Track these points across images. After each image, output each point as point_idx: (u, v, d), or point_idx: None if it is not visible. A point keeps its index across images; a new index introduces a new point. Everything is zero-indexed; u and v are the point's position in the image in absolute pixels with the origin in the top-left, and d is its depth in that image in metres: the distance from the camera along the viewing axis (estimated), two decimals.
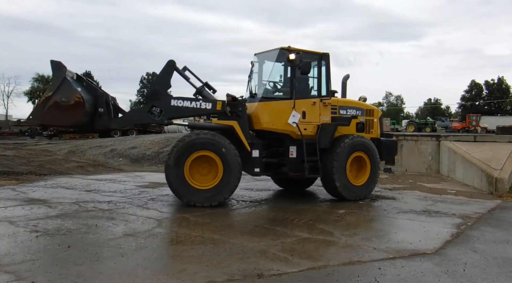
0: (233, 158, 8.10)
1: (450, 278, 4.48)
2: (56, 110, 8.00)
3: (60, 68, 8.18)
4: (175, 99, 8.52)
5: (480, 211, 8.20)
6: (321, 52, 9.38)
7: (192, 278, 4.36)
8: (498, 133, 21.71)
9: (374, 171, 9.43)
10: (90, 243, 5.53)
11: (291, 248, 5.50)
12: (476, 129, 46.74)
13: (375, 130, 10.15)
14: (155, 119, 8.45)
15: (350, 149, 9.05)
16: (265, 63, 9.56)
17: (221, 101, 8.64)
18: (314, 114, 9.04)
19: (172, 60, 8.74)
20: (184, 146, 7.94)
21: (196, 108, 8.58)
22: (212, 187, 8.04)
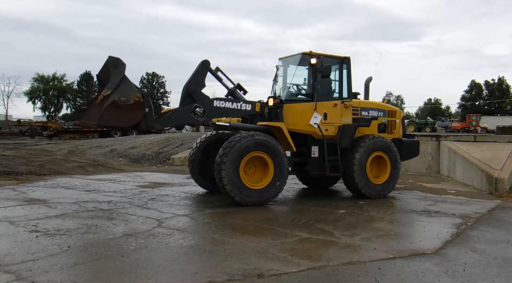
0: (284, 159, 8.40)
1: (450, 278, 4.48)
2: (115, 110, 7.57)
3: (119, 65, 7.74)
4: (217, 100, 8.65)
5: (480, 211, 8.20)
6: (342, 56, 9.71)
7: (192, 278, 4.36)
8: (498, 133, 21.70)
9: (394, 170, 9.74)
10: (90, 243, 5.53)
11: (291, 248, 5.50)
12: (476, 129, 46.76)
13: (397, 130, 10.45)
14: (198, 119, 8.46)
15: (370, 149, 9.37)
16: (288, 67, 9.91)
17: (260, 103, 8.97)
18: (335, 115, 9.40)
19: (206, 60, 8.80)
20: (241, 147, 8.02)
21: (237, 109, 8.80)
22: (263, 187, 8.26)
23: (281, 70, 10.10)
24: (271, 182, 8.31)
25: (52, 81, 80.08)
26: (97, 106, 7.38)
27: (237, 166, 8.00)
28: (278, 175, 8.35)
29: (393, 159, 9.73)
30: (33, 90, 77.78)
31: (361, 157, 9.23)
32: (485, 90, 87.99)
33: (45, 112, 79.52)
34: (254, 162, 8.34)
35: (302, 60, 9.36)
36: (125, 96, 7.59)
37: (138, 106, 7.54)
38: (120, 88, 7.55)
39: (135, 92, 7.64)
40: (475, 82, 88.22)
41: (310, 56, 9.12)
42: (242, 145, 8.02)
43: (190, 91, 8.51)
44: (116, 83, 7.52)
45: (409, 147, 10.55)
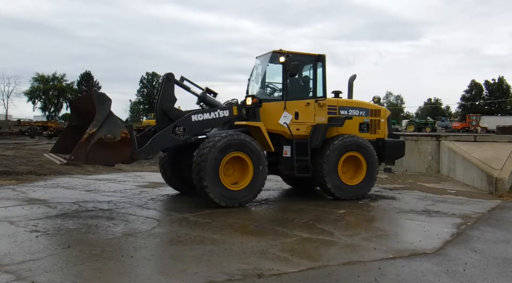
0: (263, 160, 8.26)
1: (450, 278, 4.48)
2: (101, 148, 7.08)
3: (105, 101, 7.27)
4: (195, 114, 8.37)
5: (480, 211, 8.20)
6: (317, 54, 9.44)
7: (192, 278, 4.36)
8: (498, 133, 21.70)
9: (370, 170, 9.42)
10: (90, 243, 5.53)
11: (291, 248, 5.50)
12: (476, 129, 46.73)
13: (381, 130, 10.14)
14: (180, 139, 8.16)
15: (342, 149, 9.09)
16: (261, 66, 9.68)
17: (236, 106, 8.80)
18: (308, 114, 9.17)
19: (170, 74, 8.51)
20: (222, 146, 7.83)
21: (215, 118, 8.58)
22: (243, 188, 8.11)
23: (256, 68, 9.89)
24: (250, 183, 8.14)
25: (52, 81, 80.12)
26: (83, 145, 6.92)
27: (218, 166, 7.82)
28: (257, 175, 8.20)
29: (369, 160, 9.39)
30: (33, 90, 77.80)
31: (331, 157, 8.95)
32: (485, 90, 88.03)
33: (45, 112, 79.57)
34: (232, 163, 8.15)
35: (272, 59, 9.14)
36: (111, 133, 7.19)
37: (125, 143, 7.30)
38: (106, 124, 7.15)
39: (121, 128, 7.30)
40: (475, 82, 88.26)
41: (280, 54, 8.85)
42: (222, 144, 7.85)
43: (164, 110, 8.32)
44: (102, 120, 7.10)
45: (393, 148, 10.18)
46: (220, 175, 7.86)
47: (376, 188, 11.21)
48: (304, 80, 9.81)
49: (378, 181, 12.56)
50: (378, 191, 10.70)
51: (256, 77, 9.82)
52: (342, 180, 9.12)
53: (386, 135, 10.26)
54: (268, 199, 9.20)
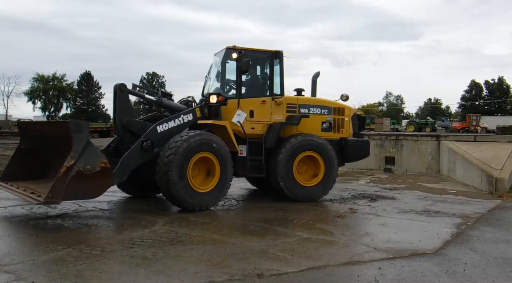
0: (230, 160, 7.99)
1: (450, 278, 4.48)
2: (80, 181, 6.46)
3: (83, 129, 6.65)
4: (160, 124, 7.87)
5: (480, 211, 8.20)
6: (274, 50, 9.14)
7: (192, 278, 4.36)
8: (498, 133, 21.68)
9: (328, 170, 9.04)
10: (90, 243, 5.52)
11: (291, 248, 5.50)
12: (476, 129, 46.76)
13: (345, 129, 9.80)
14: (151, 154, 7.62)
15: (297, 149, 8.77)
16: (218, 62, 9.30)
17: (199, 107, 8.43)
18: (264, 113, 8.84)
19: (122, 84, 7.94)
20: (190, 146, 7.52)
21: (181, 125, 8.09)
22: (210, 191, 7.79)
23: (214, 66, 9.55)
24: (217, 184, 7.83)
25: (52, 81, 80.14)
26: (61, 180, 6.25)
27: (186, 167, 7.46)
28: (224, 177, 7.90)
29: (327, 160, 9.02)
30: (33, 90, 77.81)
31: (286, 157, 8.63)
32: (485, 90, 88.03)
33: (45, 112, 79.57)
34: (197, 164, 7.78)
35: (226, 55, 8.86)
36: (90, 163, 6.55)
37: (105, 173, 6.70)
38: (85, 155, 6.51)
39: (100, 158, 6.73)
40: (475, 82, 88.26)
41: (232, 50, 8.58)
42: (191, 144, 7.49)
43: (125, 125, 7.82)
44: (80, 150, 6.44)
45: (356, 147, 9.81)
46: (188, 176, 7.52)
47: (376, 188, 11.22)
48: (261, 77, 9.48)
49: (378, 181, 12.60)
50: (378, 191, 10.70)
51: (213, 74, 9.43)
52: (298, 181, 8.80)
53: (351, 134, 9.90)
54: (268, 199, 9.19)
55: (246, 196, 9.63)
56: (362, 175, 14.18)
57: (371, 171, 15.50)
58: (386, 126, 49.48)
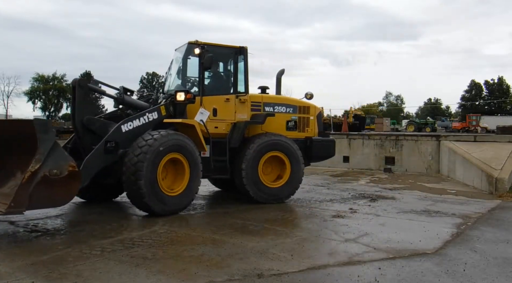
0: (198, 159, 7.62)
1: (450, 278, 4.48)
2: (47, 187, 5.76)
3: (49, 130, 5.97)
4: (124, 123, 7.32)
5: (480, 211, 8.20)
6: (238, 46, 8.80)
7: (192, 278, 4.36)
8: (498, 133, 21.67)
9: (294, 171, 8.84)
10: (90, 243, 5.53)
11: (291, 248, 5.50)
12: (476, 129, 46.73)
13: (311, 128, 9.63)
14: (116, 156, 7.12)
15: (262, 149, 8.52)
16: (180, 58, 8.89)
17: (164, 105, 7.95)
18: (228, 111, 8.51)
19: (81, 79, 7.44)
20: (162, 146, 7.09)
21: (146, 123, 7.58)
22: (180, 194, 7.38)
23: (175, 61, 9.10)
24: (187, 187, 7.43)
25: (52, 81, 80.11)
26: (25, 187, 5.54)
27: (156, 168, 7.00)
28: (194, 179, 7.52)
29: (293, 160, 8.82)
30: (33, 90, 77.75)
31: (251, 157, 8.35)
32: (485, 90, 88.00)
33: (45, 112, 79.49)
34: (166, 165, 7.32)
35: (188, 51, 8.47)
36: (57, 167, 5.88)
37: (74, 178, 6.04)
38: (51, 158, 5.83)
39: (68, 161, 6.05)
40: (475, 82, 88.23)
41: (195, 45, 8.18)
42: (162, 144, 7.09)
43: (85, 124, 7.24)
44: (45, 153, 5.76)
45: (322, 147, 9.65)
46: (159, 179, 7.06)
47: (376, 188, 11.22)
48: (224, 74, 9.12)
49: (378, 181, 12.60)
50: (378, 191, 10.70)
51: (174, 71, 9.03)
52: (263, 182, 8.55)
53: (316, 133, 9.76)
54: None
55: (246, 196, 9.61)
56: (362, 175, 14.19)
57: (371, 171, 15.51)
58: (386, 126, 49.43)
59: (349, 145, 16.76)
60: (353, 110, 48.00)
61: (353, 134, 18.50)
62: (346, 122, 27.76)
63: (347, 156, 16.71)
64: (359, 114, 45.53)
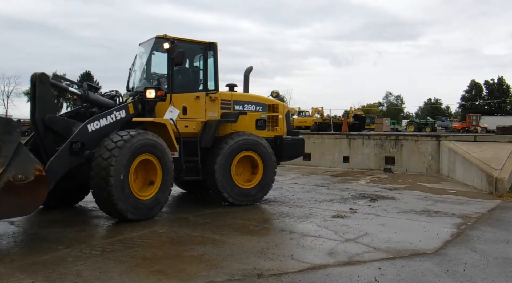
0: (170, 161, 7.24)
1: (450, 278, 4.48)
2: (11, 193, 5.22)
3: (12, 130, 5.39)
4: (90, 123, 6.79)
5: (480, 211, 8.20)
6: (208, 41, 8.49)
7: (192, 278, 4.36)
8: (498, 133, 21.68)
9: (267, 171, 8.69)
10: (90, 243, 5.53)
11: (291, 248, 5.50)
12: (476, 129, 46.73)
13: (280, 127, 9.47)
14: (82, 158, 6.59)
15: (236, 149, 8.28)
16: (145, 54, 8.43)
17: (132, 103, 7.47)
18: (198, 110, 8.18)
19: (42, 74, 6.73)
20: (133, 147, 6.65)
21: (113, 122, 7.09)
22: (151, 198, 6.98)
23: (139, 57, 8.64)
24: (159, 190, 7.05)
25: None
26: None
27: (128, 171, 6.57)
28: (166, 181, 7.15)
29: (266, 160, 8.66)
30: None
31: (224, 158, 8.11)
32: (485, 90, 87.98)
33: None
34: (136, 167, 6.87)
35: (156, 45, 8.04)
36: (22, 172, 5.34)
37: (41, 183, 5.53)
38: (15, 161, 5.29)
39: (34, 164, 5.52)
40: (475, 82, 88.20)
41: (164, 40, 7.80)
42: (133, 145, 6.65)
43: (47, 123, 6.63)
44: (9, 156, 5.22)
45: (291, 146, 9.47)
46: (130, 182, 6.64)
47: (376, 188, 11.22)
48: (193, 71, 8.69)
49: (378, 181, 12.60)
50: (378, 191, 10.70)
51: (139, 66, 8.55)
52: (236, 183, 8.33)
53: (285, 132, 9.59)
54: (268, 199, 9.19)
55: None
56: (362, 175, 14.19)
57: (371, 171, 15.51)
58: (386, 126, 49.43)
59: (349, 145, 16.76)
60: (353, 110, 48.03)
61: (353, 134, 18.50)
62: (346, 122, 27.76)
63: (347, 156, 16.72)
64: (359, 114, 45.55)
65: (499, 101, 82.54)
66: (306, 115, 45.32)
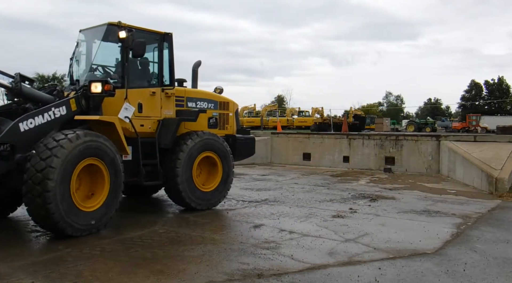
0: (120, 165, 6.43)
1: (450, 278, 4.49)
2: None
3: None
4: (23, 121, 5.82)
5: (480, 211, 8.20)
6: (163, 31, 7.82)
7: (192, 278, 4.36)
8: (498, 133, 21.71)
9: (226, 173, 8.28)
10: (89, 243, 5.53)
11: (291, 248, 5.50)
12: (476, 129, 46.75)
13: (230, 125, 9.02)
14: (9, 163, 5.71)
15: (197, 149, 7.77)
16: (93, 42, 7.55)
17: (74, 98, 6.50)
18: (153, 107, 7.50)
19: None
20: (75, 151, 5.76)
21: (51, 121, 6.12)
22: (98, 208, 6.12)
23: (84, 45, 7.72)
24: (107, 199, 6.20)
25: (52, 80, 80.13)
26: None
27: (70, 176, 5.69)
28: (114, 188, 6.29)
29: (225, 160, 8.24)
30: None
31: (186, 159, 7.54)
32: (485, 90, 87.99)
33: None
34: (80, 174, 5.98)
35: (108, 33, 7.19)
36: None
37: None
38: None
39: None
40: (475, 82, 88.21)
41: (118, 28, 7.00)
42: (78, 145, 5.79)
43: None
44: None
45: (244, 145, 9.09)
46: (72, 189, 5.75)
47: (376, 188, 11.22)
48: (146, 63, 7.91)
49: (378, 181, 12.60)
50: (378, 191, 10.70)
51: (82, 56, 7.68)
52: (197, 187, 7.80)
53: (235, 130, 9.17)
54: (268, 199, 9.20)
55: (246, 197, 9.61)
56: (362, 175, 14.19)
57: (371, 171, 15.51)
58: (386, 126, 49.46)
59: (349, 145, 16.76)
60: (353, 110, 48.06)
61: (353, 134, 18.50)
62: (346, 122, 27.74)
63: (347, 156, 16.72)
64: (359, 114, 45.58)
65: (499, 101, 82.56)
66: (306, 115, 45.37)
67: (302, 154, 17.71)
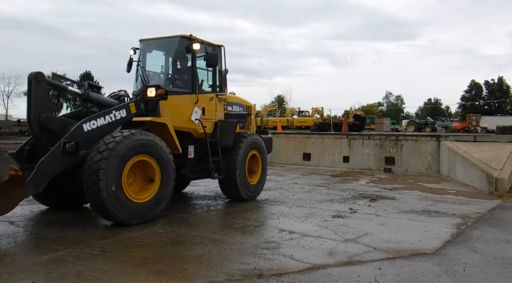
0: (171, 165, 7.03)
1: (450, 278, 4.48)
2: None
3: None
4: (87, 122, 6.53)
5: (480, 211, 8.20)
6: (216, 44, 8.76)
7: (192, 278, 4.36)
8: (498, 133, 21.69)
9: (264, 168, 9.54)
10: (90, 243, 5.53)
11: (291, 248, 5.50)
12: (476, 129, 46.78)
13: (252, 127, 10.14)
14: (74, 159, 6.30)
15: (249, 147, 8.89)
16: (159, 52, 8.53)
17: (133, 102, 7.25)
18: (211, 110, 8.54)
19: (38, 73, 6.44)
20: (124, 149, 6.31)
21: (112, 122, 6.86)
22: (147, 201, 6.70)
23: (148, 55, 8.53)
24: (157, 193, 6.79)
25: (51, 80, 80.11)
26: None
27: (120, 174, 6.25)
28: (165, 184, 6.88)
29: (264, 158, 9.46)
30: None
31: (242, 157, 8.62)
32: (485, 90, 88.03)
33: None
34: (133, 169, 6.61)
35: (180, 45, 8.05)
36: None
37: (15, 184, 5.26)
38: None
39: (9, 164, 5.25)
40: (475, 82, 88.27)
41: (190, 40, 7.94)
42: (125, 146, 6.32)
43: (43, 123, 6.41)
44: None
45: (265, 144, 9.91)
46: (123, 185, 6.33)
47: (376, 188, 11.22)
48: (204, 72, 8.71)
49: (378, 181, 12.60)
50: (378, 191, 10.70)
51: (152, 66, 8.52)
52: (248, 181, 8.90)
53: (255, 131, 10.20)
54: (268, 199, 9.20)
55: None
56: (362, 175, 14.19)
57: (371, 171, 15.51)
58: (386, 126, 49.54)
59: (349, 145, 16.76)
60: (353, 110, 48.06)
61: (353, 134, 18.50)
62: (346, 122, 27.76)
63: (347, 156, 16.72)
64: (359, 114, 45.59)
65: (499, 101, 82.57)
66: (306, 115, 45.40)
67: (302, 154, 17.71)
